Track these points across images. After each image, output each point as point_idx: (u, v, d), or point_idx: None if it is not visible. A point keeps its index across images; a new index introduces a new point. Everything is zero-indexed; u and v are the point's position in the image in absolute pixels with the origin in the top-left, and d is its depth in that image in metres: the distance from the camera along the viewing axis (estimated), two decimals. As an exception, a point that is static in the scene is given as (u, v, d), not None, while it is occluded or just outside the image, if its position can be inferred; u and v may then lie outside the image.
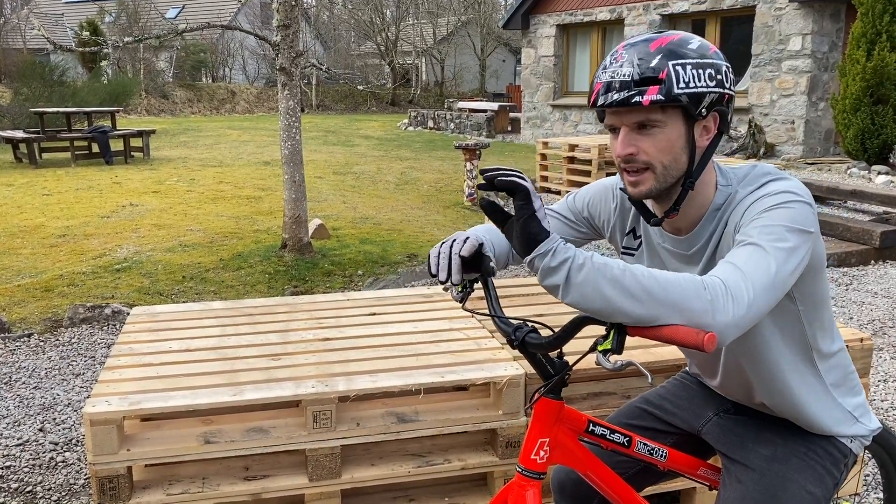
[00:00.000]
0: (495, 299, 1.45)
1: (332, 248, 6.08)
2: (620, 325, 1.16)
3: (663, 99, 1.27)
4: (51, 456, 2.91)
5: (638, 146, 1.32)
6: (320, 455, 2.00)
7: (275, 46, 5.57)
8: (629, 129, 1.32)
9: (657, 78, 1.27)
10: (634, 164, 1.33)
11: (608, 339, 1.17)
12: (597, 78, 1.35)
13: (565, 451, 1.41)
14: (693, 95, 1.29)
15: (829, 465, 1.48)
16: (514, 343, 1.33)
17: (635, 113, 1.31)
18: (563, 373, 1.35)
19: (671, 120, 1.31)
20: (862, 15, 9.76)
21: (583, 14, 14.40)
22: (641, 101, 1.27)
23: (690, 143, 1.33)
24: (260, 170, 10.58)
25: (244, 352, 2.27)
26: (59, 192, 8.65)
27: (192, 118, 22.12)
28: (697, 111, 1.30)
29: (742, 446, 1.52)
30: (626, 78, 1.29)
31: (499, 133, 17.68)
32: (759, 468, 1.47)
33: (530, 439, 1.36)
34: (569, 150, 9.07)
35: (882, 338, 4.21)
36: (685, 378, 1.76)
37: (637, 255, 1.56)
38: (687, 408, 1.67)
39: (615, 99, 1.29)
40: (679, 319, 1.14)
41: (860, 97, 9.77)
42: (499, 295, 1.49)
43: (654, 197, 1.38)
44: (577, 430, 1.43)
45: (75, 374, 3.74)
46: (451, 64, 29.44)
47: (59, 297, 4.86)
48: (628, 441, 1.48)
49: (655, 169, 1.33)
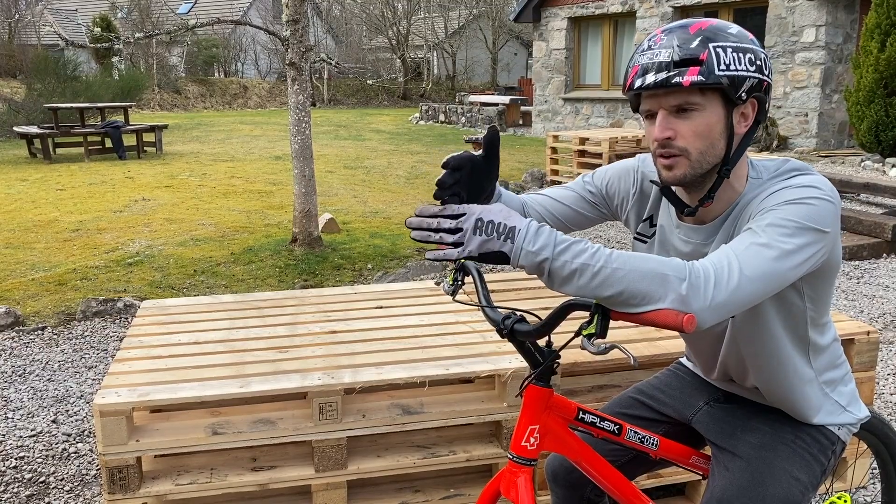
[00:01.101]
0: (484, 289, 1.46)
1: (341, 241, 6.10)
2: (604, 308, 1.17)
3: (704, 80, 1.25)
4: (63, 447, 2.95)
5: (675, 130, 1.30)
6: (326, 446, 2.03)
7: (284, 41, 5.59)
8: (667, 112, 1.30)
9: (697, 59, 1.26)
10: (671, 149, 1.31)
11: (592, 324, 1.18)
12: (633, 62, 1.33)
13: (555, 438, 1.42)
14: (733, 78, 1.27)
15: (817, 452, 1.49)
16: (503, 332, 1.35)
17: (674, 95, 1.29)
18: (550, 360, 1.36)
19: (710, 104, 1.29)
20: (876, 6, 9.66)
21: (594, 6, 14.33)
22: (682, 81, 1.26)
23: (729, 129, 1.31)
24: (271, 164, 10.62)
25: (252, 344, 2.29)
26: (73, 186, 8.73)
27: (205, 113, 22.22)
28: (737, 95, 1.28)
29: (731, 435, 1.54)
30: (665, 59, 1.27)
31: (510, 126, 17.65)
32: (746, 455, 1.48)
33: (521, 426, 1.37)
34: (579, 143, 9.05)
35: (893, 331, 4.19)
36: (678, 369, 1.77)
37: (650, 242, 1.55)
38: (678, 397, 1.68)
39: (654, 80, 1.27)
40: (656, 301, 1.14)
41: (874, 89, 9.68)
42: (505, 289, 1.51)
43: (687, 184, 1.36)
44: (567, 417, 1.44)
45: (88, 366, 3.78)
46: (462, 57, 29.38)
47: (72, 291, 4.92)
48: (619, 429, 1.49)
49: (690, 155, 1.31)
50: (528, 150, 12.81)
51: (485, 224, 1.14)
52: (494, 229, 1.14)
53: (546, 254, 1.14)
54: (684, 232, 1.46)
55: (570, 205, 1.62)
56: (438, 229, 1.16)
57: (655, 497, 2.01)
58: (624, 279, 1.14)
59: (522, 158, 11.69)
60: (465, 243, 1.14)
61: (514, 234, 1.14)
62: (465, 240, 1.14)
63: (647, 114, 1.35)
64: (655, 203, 1.54)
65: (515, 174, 10.03)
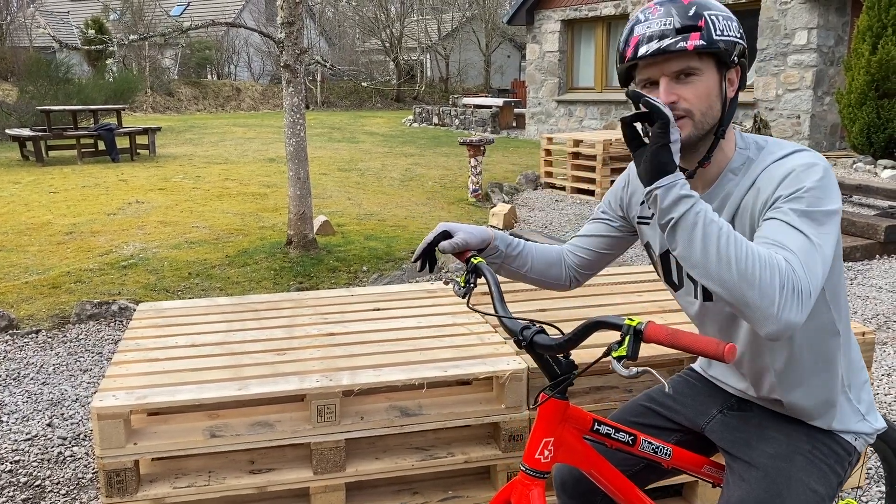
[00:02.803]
0: (499, 297, 1.43)
1: (336, 244, 6.10)
2: (637, 330, 1.14)
3: (705, 44, 1.33)
4: (59, 450, 2.94)
5: (679, 94, 1.36)
6: (325, 448, 2.02)
7: (279, 43, 5.58)
8: (669, 79, 1.36)
9: (697, 26, 1.34)
10: (675, 112, 1.36)
11: (623, 346, 1.14)
12: (631, 33, 1.39)
13: (570, 449, 1.40)
14: (728, 43, 1.36)
15: (833, 464, 1.48)
16: (522, 343, 1.31)
17: (675, 61, 1.35)
18: (571, 374, 1.33)
19: (707, 68, 1.36)
20: (867, 8, 9.72)
21: (587, 9, 14.37)
22: (686, 46, 1.33)
23: (723, 92, 1.39)
24: (265, 167, 10.61)
25: (249, 347, 2.29)
26: (66, 189, 8.70)
27: (198, 115, 22.16)
28: (731, 59, 1.37)
29: (746, 444, 1.52)
30: (667, 27, 1.34)
31: (504, 129, 17.67)
32: (762, 466, 1.46)
33: (534, 439, 1.35)
34: (573, 145, 9.06)
35: (887, 332, 4.21)
36: (689, 375, 1.76)
37: (651, 223, 1.59)
38: (691, 405, 1.66)
39: (659, 47, 1.34)
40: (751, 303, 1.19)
41: (865, 91, 9.74)
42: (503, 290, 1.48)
43: (689, 146, 1.41)
44: (583, 429, 1.42)
45: (83, 369, 3.77)
46: (455, 60, 29.40)
47: (66, 294, 4.90)
48: (633, 440, 1.47)
49: (694, 116, 1.37)
50: (522, 153, 12.83)
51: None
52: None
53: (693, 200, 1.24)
54: None
55: (600, 234, 1.72)
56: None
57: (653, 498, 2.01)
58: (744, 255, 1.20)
59: (516, 161, 11.71)
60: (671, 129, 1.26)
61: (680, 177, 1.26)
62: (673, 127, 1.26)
63: (645, 83, 1.40)
64: None
65: (510, 177, 10.04)
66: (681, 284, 1.56)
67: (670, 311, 2.58)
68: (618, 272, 3.08)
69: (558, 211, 8.20)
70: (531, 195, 9.21)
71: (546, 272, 1.73)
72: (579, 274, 1.76)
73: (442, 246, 1.58)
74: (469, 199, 8.39)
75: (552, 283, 1.76)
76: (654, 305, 2.64)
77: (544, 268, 1.72)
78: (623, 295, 2.77)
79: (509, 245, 1.68)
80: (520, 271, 1.71)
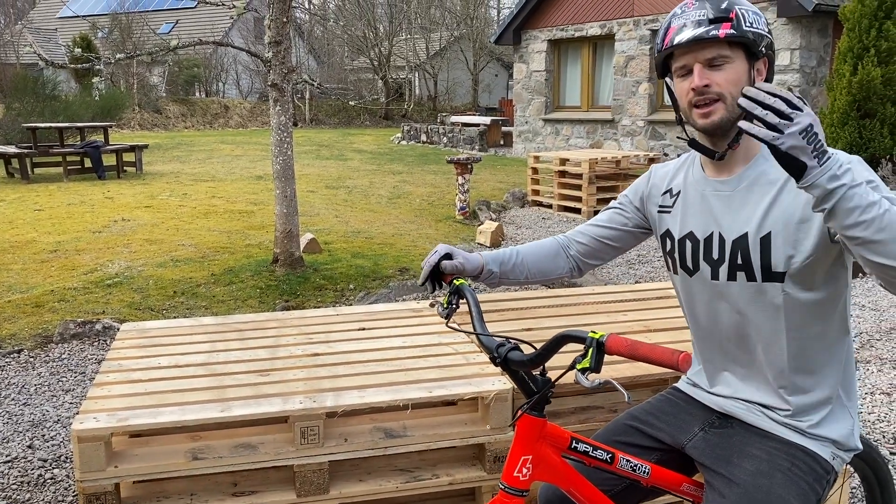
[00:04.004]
0: (478, 316, 1.46)
1: (323, 262, 6.09)
2: (599, 343, 1.18)
3: (735, 33, 1.45)
4: (39, 473, 2.90)
5: (711, 79, 1.47)
6: (308, 471, 2.01)
7: (266, 63, 5.60)
8: (702, 65, 1.48)
9: (728, 17, 1.46)
10: (707, 96, 1.48)
11: (587, 358, 1.18)
12: (669, 23, 1.52)
13: (548, 467, 1.41)
14: (756, 34, 1.48)
15: (812, 482, 1.50)
16: (497, 360, 1.34)
17: (708, 49, 1.47)
18: (545, 390, 1.35)
19: (737, 56, 1.48)
20: (848, 30, 9.87)
21: (574, 29, 14.52)
22: (718, 34, 1.45)
23: (751, 80, 1.50)
24: (252, 184, 10.59)
25: (233, 367, 2.28)
26: (51, 207, 8.65)
27: (185, 133, 22.13)
28: (759, 49, 1.49)
29: (726, 460, 1.54)
30: (702, 17, 1.47)
31: (491, 147, 17.75)
32: (742, 483, 1.48)
33: (513, 456, 1.36)
34: (560, 163, 9.12)
35: (869, 350, 4.24)
36: (672, 394, 1.78)
37: (673, 211, 1.68)
38: (673, 423, 1.68)
39: (694, 35, 1.46)
40: None
41: (847, 111, 9.86)
42: (489, 309, 1.51)
43: (721, 129, 1.51)
44: (561, 446, 1.43)
45: (65, 390, 3.73)
46: (443, 78, 29.56)
47: (49, 313, 4.85)
48: (611, 458, 1.48)
49: (726, 100, 1.48)
50: (510, 170, 12.89)
51: (810, 134, 1.21)
52: (814, 142, 1.21)
53: (846, 180, 1.22)
54: (713, 186, 1.59)
55: (610, 225, 1.81)
56: (769, 107, 1.22)
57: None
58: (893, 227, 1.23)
59: (504, 178, 11.76)
60: (784, 134, 1.20)
61: (825, 156, 1.22)
62: (786, 130, 1.20)
63: (681, 71, 1.52)
64: (673, 176, 1.71)
65: (497, 194, 10.08)
66: (696, 269, 1.62)
67: (655, 330, 2.59)
68: (603, 290, 3.09)
69: (545, 228, 8.23)
70: (518, 213, 9.25)
71: (545, 270, 1.82)
72: (583, 263, 1.84)
73: (443, 265, 1.66)
74: (456, 216, 8.40)
75: (555, 277, 1.85)
76: (638, 325, 2.64)
77: (542, 266, 1.82)
78: (608, 314, 2.78)
79: (502, 263, 1.77)
80: (519, 279, 1.81)
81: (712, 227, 1.58)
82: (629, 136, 13.69)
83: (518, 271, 1.79)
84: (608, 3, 13.77)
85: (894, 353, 4.18)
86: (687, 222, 1.64)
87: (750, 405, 1.60)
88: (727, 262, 1.55)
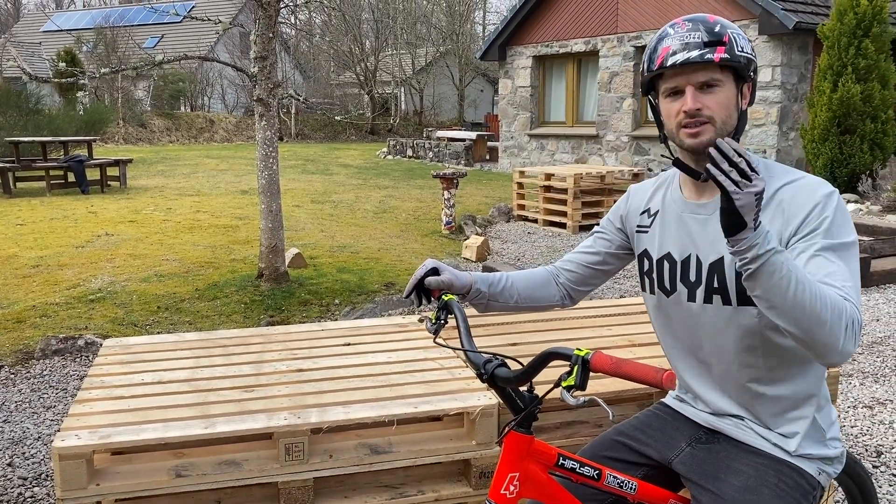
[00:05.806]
0: (466, 332, 1.47)
1: (308, 277, 6.07)
2: (584, 360, 1.19)
3: (729, 58, 1.47)
4: (19, 491, 2.86)
5: (703, 102, 1.49)
6: (293, 488, 1.99)
7: (252, 78, 5.61)
8: (694, 88, 1.49)
9: (722, 41, 1.48)
10: (699, 118, 1.50)
11: (572, 375, 1.19)
12: (661, 43, 1.52)
13: (535, 484, 1.41)
14: (746, 59, 1.51)
15: (800, 497, 1.51)
16: (484, 377, 1.35)
17: (702, 72, 1.48)
18: (532, 406, 1.35)
19: (727, 80, 1.50)
20: (828, 48, 10.03)
21: (558, 46, 14.64)
22: (713, 58, 1.46)
23: (738, 104, 1.53)
24: (237, 199, 10.56)
25: (217, 384, 2.26)
26: (34, 221, 8.57)
27: (170, 147, 22.05)
28: (748, 73, 1.51)
29: (714, 476, 1.55)
30: (696, 40, 1.48)
31: (477, 161, 17.81)
32: (730, 498, 1.48)
33: (500, 473, 1.36)
34: (545, 178, 9.16)
35: (851, 364, 4.28)
36: (659, 409, 1.79)
37: (650, 231, 1.70)
38: (660, 438, 1.69)
39: (689, 57, 1.47)
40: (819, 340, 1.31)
41: (828, 127, 10.00)
42: (475, 324, 1.52)
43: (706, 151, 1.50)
44: (548, 463, 1.43)
45: (46, 406, 3.68)
46: (429, 93, 29.68)
47: (31, 329, 4.80)
48: (598, 474, 1.48)
49: (716, 123, 1.50)
50: (495, 185, 12.93)
51: (759, 198, 1.28)
52: (758, 206, 1.28)
53: (774, 245, 1.29)
54: (690, 209, 1.62)
55: (595, 249, 1.82)
56: (734, 164, 1.27)
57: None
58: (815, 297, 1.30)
59: (489, 193, 11.80)
60: (742, 192, 1.26)
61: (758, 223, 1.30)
62: (744, 189, 1.26)
63: (670, 91, 1.52)
64: (652, 196, 1.73)
65: (483, 209, 10.10)
66: (673, 290, 1.63)
67: (640, 344, 2.60)
68: (590, 305, 3.10)
69: (531, 243, 8.26)
70: (504, 227, 9.27)
71: (536, 297, 1.81)
72: (573, 290, 1.84)
73: (428, 281, 1.64)
74: (442, 231, 8.41)
75: (545, 305, 1.83)
76: (623, 339, 2.66)
77: (533, 293, 1.80)
78: (593, 329, 2.79)
79: (491, 284, 1.75)
80: (508, 304, 1.79)
81: (690, 250, 1.60)
82: (614, 152, 13.80)
83: (507, 295, 1.77)
84: (592, 20, 13.91)
85: (876, 367, 4.22)
86: (665, 243, 1.65)
87: (736, 420, 1.61)
88: (704, 285, 1.57)
